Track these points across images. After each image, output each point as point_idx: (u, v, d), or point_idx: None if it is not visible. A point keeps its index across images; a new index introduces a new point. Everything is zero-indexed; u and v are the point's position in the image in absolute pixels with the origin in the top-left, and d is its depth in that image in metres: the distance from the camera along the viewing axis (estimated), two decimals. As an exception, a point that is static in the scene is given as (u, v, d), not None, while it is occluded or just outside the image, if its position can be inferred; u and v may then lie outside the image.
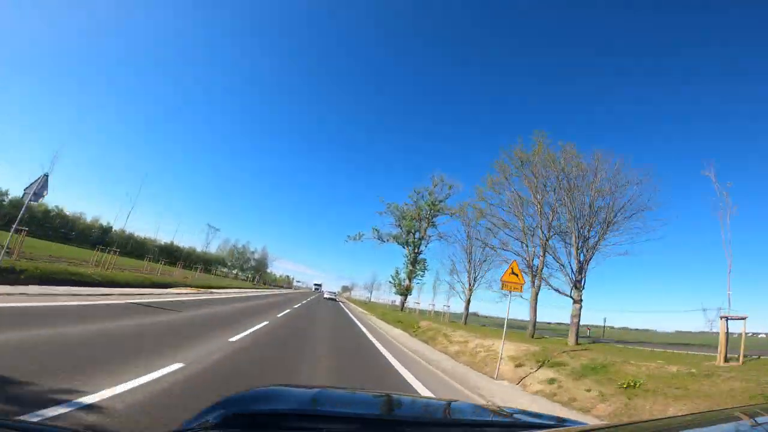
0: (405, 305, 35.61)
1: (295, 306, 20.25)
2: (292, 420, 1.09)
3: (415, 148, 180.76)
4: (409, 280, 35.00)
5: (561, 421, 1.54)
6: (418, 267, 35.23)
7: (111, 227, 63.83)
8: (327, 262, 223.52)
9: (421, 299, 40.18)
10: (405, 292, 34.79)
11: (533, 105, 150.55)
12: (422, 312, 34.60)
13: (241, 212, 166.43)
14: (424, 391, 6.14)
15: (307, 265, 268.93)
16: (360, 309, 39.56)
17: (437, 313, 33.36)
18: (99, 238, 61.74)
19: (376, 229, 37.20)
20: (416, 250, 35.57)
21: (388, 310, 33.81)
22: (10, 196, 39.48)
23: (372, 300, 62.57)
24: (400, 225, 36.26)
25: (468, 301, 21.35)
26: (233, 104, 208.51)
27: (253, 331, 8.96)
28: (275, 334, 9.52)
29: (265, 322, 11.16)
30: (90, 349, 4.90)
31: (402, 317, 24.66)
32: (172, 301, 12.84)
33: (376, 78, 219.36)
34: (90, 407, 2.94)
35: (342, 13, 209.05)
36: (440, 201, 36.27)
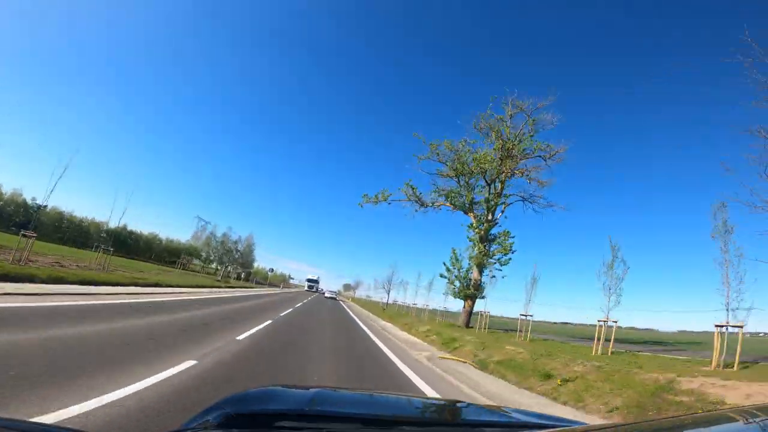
0: (471, 316, 19.05)
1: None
2: (291, 420, 1.03)
3: (415, 148, 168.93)
4: (479, 272, 19.01)
5: (561, 421, 1.43)
6: (494, 246, 18.90)
7: (44, 206, 49.12)
8: (327, 262, 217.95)
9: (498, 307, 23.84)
10: (473, 293, 18.61)
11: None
12: (526, 335, 14.18)
13: (242, 213, 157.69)
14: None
15: (308, 264, 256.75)
16: (374, 318, 23.61)
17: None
18: (25, 217, 47.56)
19: (411, 185, 21.16)
20: (490, 218, 19.62)
21: (445, 327, 17.55)
22: None
23: (390, 303, 46.03)
24: (457, 175, 20.45)
25: None
26: (233, 104, 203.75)
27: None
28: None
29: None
30: None
31: (560, 367, 9.26)
32: None
33: (376, 78, 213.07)
34: None
35: (343, 13, 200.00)
36: (525, 138, 20.55)
